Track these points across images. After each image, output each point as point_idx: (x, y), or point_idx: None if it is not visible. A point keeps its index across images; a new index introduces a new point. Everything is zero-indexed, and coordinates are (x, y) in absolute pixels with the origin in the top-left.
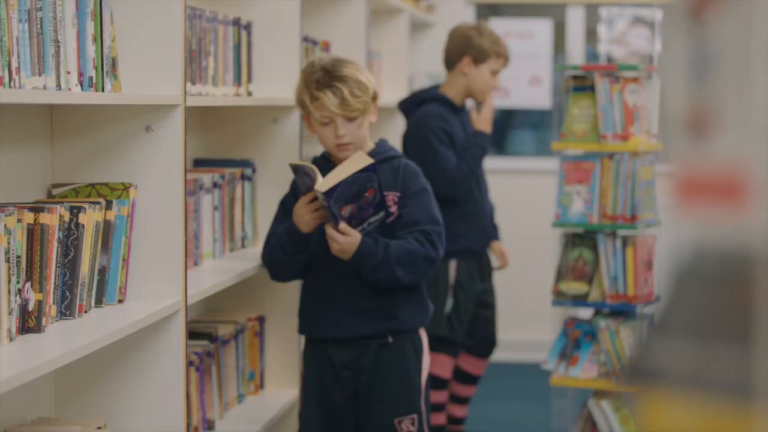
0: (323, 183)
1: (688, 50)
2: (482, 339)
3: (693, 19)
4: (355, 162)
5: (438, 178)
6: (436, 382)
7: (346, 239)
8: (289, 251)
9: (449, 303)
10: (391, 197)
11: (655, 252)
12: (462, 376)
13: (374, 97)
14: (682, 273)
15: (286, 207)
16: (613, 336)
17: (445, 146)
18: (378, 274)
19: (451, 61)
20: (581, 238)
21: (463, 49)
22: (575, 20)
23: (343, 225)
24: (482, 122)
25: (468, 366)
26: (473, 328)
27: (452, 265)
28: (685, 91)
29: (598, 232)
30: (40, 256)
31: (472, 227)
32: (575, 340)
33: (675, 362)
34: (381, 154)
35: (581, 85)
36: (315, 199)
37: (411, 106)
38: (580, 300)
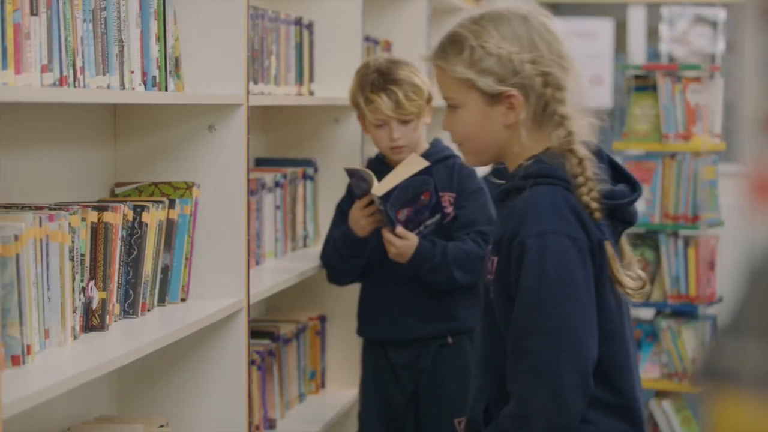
0: (379, 187)
1: (762, 50)
2: None
3: (766, 18)
4: (411, 165)
5: None
6: None
7: (403, 243)
8: (345, 255)
9: None
10: (447, 198)
11: (717, 252)
12: None
13: (429, 99)
14: (755, 273)
15: (342, 211)
16: (674, 336)
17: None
18: (435, 276)
19: None
20: (643, 238)
21: None
22: (636, 19)
23: (399, 228)
24: None
25: None
26: None
27: None
28: (758, 90)
29: (660, 232)
30: (104, 254)
31: None
32: (637, 340)
33: (748, 363)
34: (436, 154)
35: (643, 84)
36: (370, 203)
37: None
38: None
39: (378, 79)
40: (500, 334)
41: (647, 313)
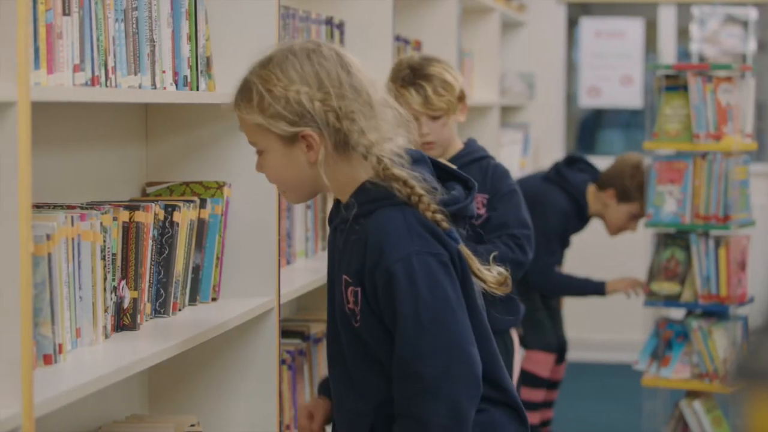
0: None
1: None
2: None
3: None
4: None
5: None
6: (532, 380)
7: None
8: None
9: None
10: (480, 199)
11: (748, 252)
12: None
13: (461, 97)
14: None
15: None
16: (705, 337)
17: (555, 240)
18: None
19: (603, 183)
20: (673, 238)
21: (614, 180)
22: (667, 19)
23: None
24: (614, 286)
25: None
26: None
27: None
28: None
29: (691, 232)
30: (135, 254)
31: None
32: (667, 340)
33: None
34: (470, 154)
35: (673, 84)
36: None
37: (562, 166)
38: (672, 300)
39: (409, 75)
40: (372, 358)
41: (678, 314)
